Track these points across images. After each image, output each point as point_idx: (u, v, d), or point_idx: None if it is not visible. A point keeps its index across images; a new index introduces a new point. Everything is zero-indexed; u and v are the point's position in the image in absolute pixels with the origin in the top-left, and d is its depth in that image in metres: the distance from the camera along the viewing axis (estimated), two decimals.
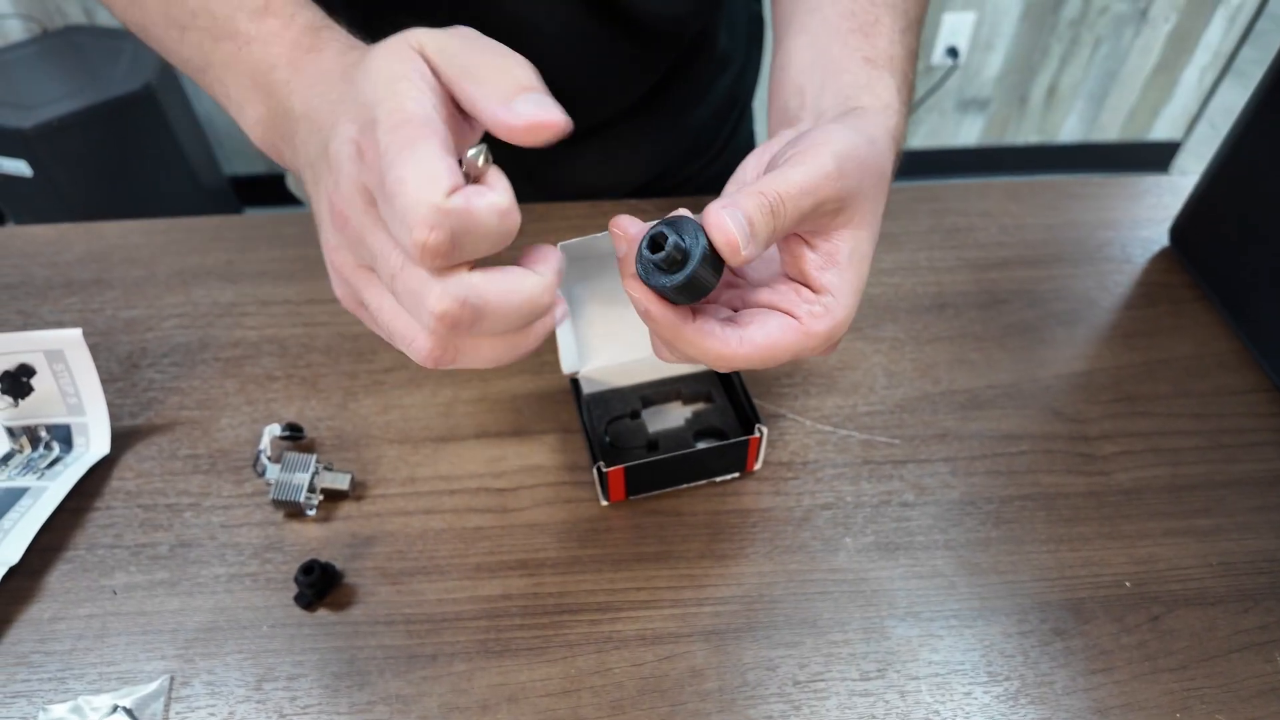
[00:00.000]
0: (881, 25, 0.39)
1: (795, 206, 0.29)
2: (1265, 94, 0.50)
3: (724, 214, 0.28)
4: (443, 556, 0.42)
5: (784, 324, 0.31)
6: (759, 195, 0.28)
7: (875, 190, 0.32)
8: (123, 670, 0.38)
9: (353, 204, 0.27)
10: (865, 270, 0.32)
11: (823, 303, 0.31)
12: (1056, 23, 1.91)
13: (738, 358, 0.31)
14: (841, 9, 0.40)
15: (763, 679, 0.38)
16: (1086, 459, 0.47)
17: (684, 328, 0.30)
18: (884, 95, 0.36)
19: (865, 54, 0.38)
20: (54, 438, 0.47)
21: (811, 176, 0.29)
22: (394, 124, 0.25)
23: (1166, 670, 0.38)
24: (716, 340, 0.30)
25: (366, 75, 0.27)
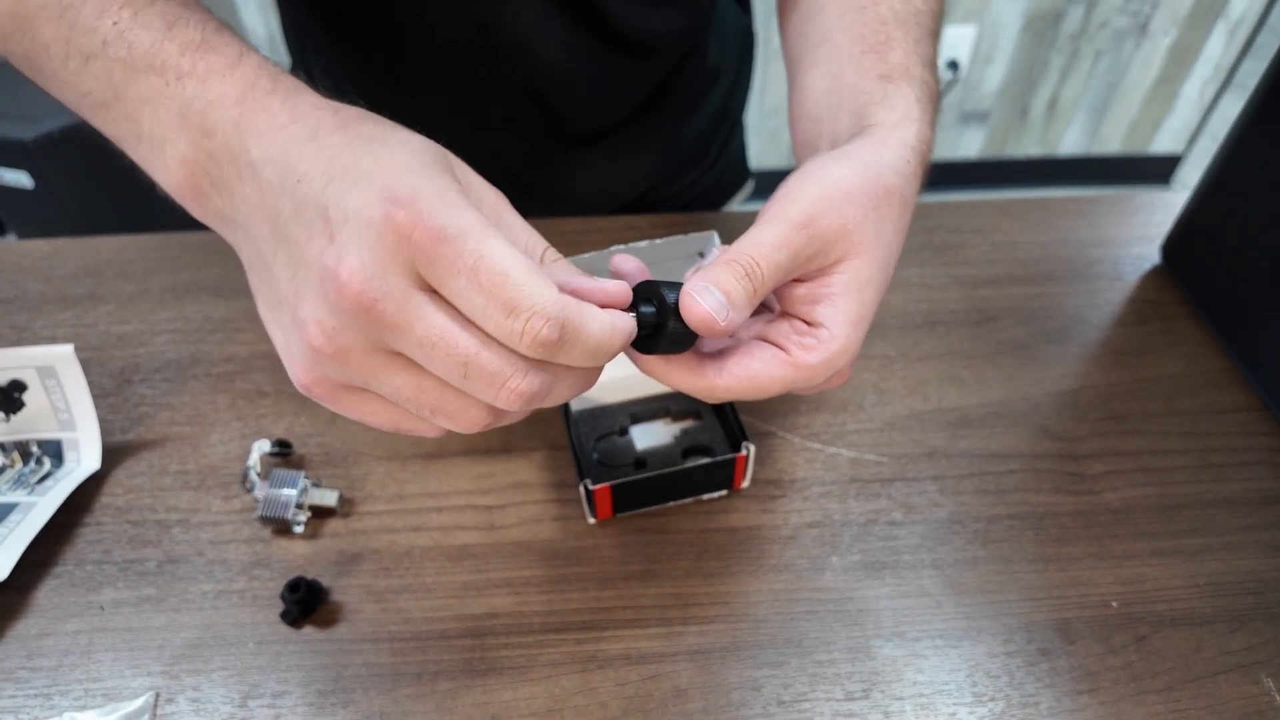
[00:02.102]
0: (894, 41, 0.38)
1: (771, 265, 0.29)
2: (1255, 111, 0.50)
3: (695, 295, 0.28)
4: (429, 574, 0.42)
5: (768, 357, 0.31)
6: (731, 264, 0.29)
7: (872, 214, 0.31)
8: (109, 686, 0.38)
9: (389, 283, 0.25)
10: (868, 296, 0.32)
11: (815, 335, 0.31)
12: (1057, 36, 1.92)
13: (717, 389, 0.31)
14: (852, 34, 0.39)
15: (747, 699, 0.38)
16: (1075, 478, 0.47)
17: (658, 365, 0.31)
18: (900, 107, 0.36)
19: (880, 71, 0.37)
20: (45, 453, 0.47)
21: (780, 232, 0.30)
22: (471, 216, 0.25)
23: (1153, 691, 0.38)
24: (693, 375, 0.31)
25: (410, 149, 0.26)
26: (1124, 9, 1.88)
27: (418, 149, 0.27)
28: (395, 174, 0.25)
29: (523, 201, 0.35)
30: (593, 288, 0.28)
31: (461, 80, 0.58)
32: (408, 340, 0.25)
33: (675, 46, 0.63)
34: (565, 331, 0.25)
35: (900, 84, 0.37)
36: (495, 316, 0.24)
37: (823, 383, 0.33)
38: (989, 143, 2.14)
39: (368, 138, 0.27)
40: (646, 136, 0.67)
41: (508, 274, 0.24)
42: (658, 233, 0.60)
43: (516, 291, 0.24)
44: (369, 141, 0.27)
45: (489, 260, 0.24)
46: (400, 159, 0.26)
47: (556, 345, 0.25)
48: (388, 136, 0.27)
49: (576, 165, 0.66)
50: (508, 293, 0.24)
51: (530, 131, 0.63)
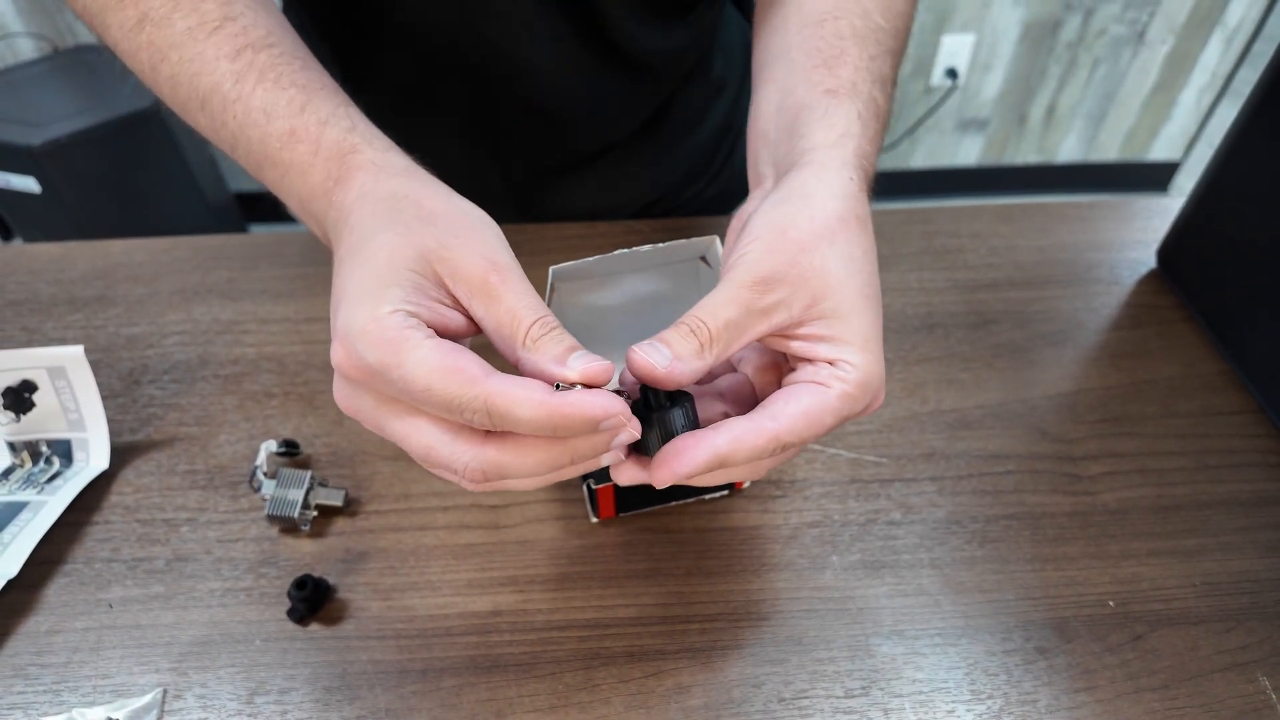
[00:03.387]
0: (847, 56, 0.39)
1: (720, 321, 0.30)
2: (1249, 118, 0.51)
3: (638, 350, 0.30)
4: (434, 572, 0.43)
5: (812, 390, 0.31)
6: (679, 325, 0.30)
7: (831, 251, 0.32)
8: (117, 683, 0.39)
9: (359, 401, 0.30)
10: (864, 322, 0.32)
11: (840, 368, 0.31)
12: (1055, 44, 1.94)
13: (782, 435, 0.30)
14: (807, 49, 0.39)
15: (748, 696, 0.38)
16: (1072, 479, 0.47)
17: (724, 446, 0.30)
18: (840, 124, 0.36)
19: (827, 86, 0.37)
20: (54, 453, 0.47)
21: (728, 292, 0.30)
22: (392, 339, 0.28)
23: (1149, 690, 0.38)
24: (755, 435, 0.30)
25: (374, 265, 0.29)
26: (1121, 17, 1.90)
27: (384, 261, 0.29)
28: (344, 301, 0.29)
29: (523, 222, 0.36)
30: (563, 374, 0.28)
31: (469, 100, 0.59)
32: (386, 435, 0.31)
33: (680, 63, 0.64)
34: (493, 413, 0.27)
35: (844, 100, 0.37)
36: (442, 412, 0.28)
37: (864, 409, 0.32)
38: (987, 149, 2.15)
39: (354, 250, 0.30)
40: (651, 151, 0.68)
41: (430, 385, 0.27)
42: (660, 237, 0.61)
43: (443, 396, 0.27)
44: (352, 255, 0.30)
45: (413, 380, 0.27)
46: (357, 281, 0.29)
47: (500, 424, 0.27)
48: (366, 245, 0.30)
49: (581, 181, 0.67)
50: (438, 398, 0.27)
51: (536, 150, 0.63)
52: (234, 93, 0.36)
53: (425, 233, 0.30)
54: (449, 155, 0.34)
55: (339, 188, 0.33)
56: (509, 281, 0.30)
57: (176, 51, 0.37)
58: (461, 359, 0.27)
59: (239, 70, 0.36)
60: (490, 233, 0.31)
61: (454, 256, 0.30)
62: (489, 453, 0.29)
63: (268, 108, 0.35)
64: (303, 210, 0.36)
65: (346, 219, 0.32)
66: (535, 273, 0.31)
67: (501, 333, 0.29)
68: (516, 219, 0.68)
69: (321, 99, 0.35)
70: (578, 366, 0.28)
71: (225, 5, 0.37)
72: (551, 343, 0.29)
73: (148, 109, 1.58)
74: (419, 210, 0.31)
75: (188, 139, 1.71)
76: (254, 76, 0.36)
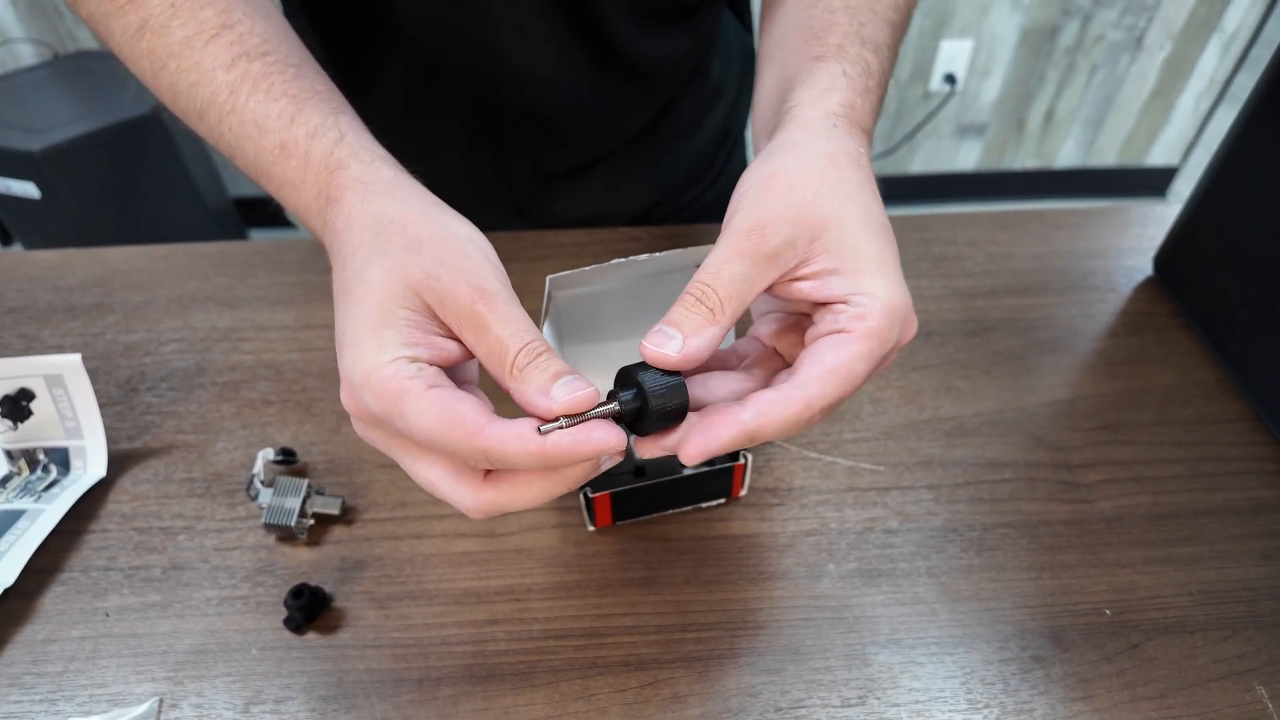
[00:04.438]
0: (835, 26, 0.39)
1: (724, 281, 0.30)
2: (1246, 124, 0.51)
3: (647, 342, 0.29)
4: (431, 581, 0.43)
5: (834, 343, 0.30)
6: (683, 298, 0.30)
7: (824, 185, 0.31)
8: (113, 692, 0.39)
9: (372, 436, 0.32)
10: (874, 246, 0.31)
11: (857, 304, 0.30)
12: (1053, 50, 1.94)
13: (813, 400, 0.29)
14: (801, 28, 0.40)
15: (745, 705, 0.38)
16: (1069, 487, 0.47)
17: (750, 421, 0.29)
18: (823, 82, 0.36)
19: (813, 54, 0.38)
20: (52, 461, 0.47)
21: (729, 246, 0.30)
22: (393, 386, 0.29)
23: (1146, 699, 0.38)
24: (783, 405, 0.29)
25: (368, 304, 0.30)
26: (1119, 23, 1.90)
27: (374, 303, 0.30)
28: (346, 346, 0.30)
29: (523, 227, 0.36)
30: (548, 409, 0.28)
31: (469, 105, 0.59)
32: (400, 465, 0.33)
33: (679, 68, 0.64)
34: (491, 459, 0.28)
35: (829, 62, 0.37)
36: (446, 455, 0.30)
37: (898, 341, 0.31)
38: (986, 155, 2.16)
39: (346, 288, 0.31)
40: (650, 156, 0.68)
41: (432, 437, 0.28)
42: (659, 245, 0.61)
43: (444, 444, 0.28)
44: (345, 294, 0.31)
45: (415, 430, 0.28)
46: (354, 325, 0.30)
47: (500, 467, 0.29)
48: (357, 283, 0.31)
49: (580, 186, 0.67)
50: (440, 446, 0.28)
51: (536, 155, 0.64)
52: (229, 104, 0.36)
53: (412, 264, 0.30)
54: (448, 160, 0.35)
55: (330, 207, 0.34)
56: (496, 309, 0.29)
57: (175, 60, 0.37)
58: (460, 408, 0.28)
59: (233, 81, 0.36)
60: (478, 255, 0.31)
61: (441, 287, 0.30)
62: (487, 494, 0.30)
63: (260, 120, 0.35)
64: (303, 222, 0.37)
65: (339, 245, 0.32)
66: (534, 279, 0.32)
67: (491, 362, 0.30)
68: (515, 224, 0.68)
69: (311, 109, 0.35)
70: (560, 398, 0.28)
71: (223, 13, 0.37)
72: (536, 371, 0.29)
73: (148, 114, 1.58)
74: (404, 238, 0.31)
75: (188, 144, 1.71)
76: (247, 88, 0.36)
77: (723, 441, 0.29)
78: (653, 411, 0.29)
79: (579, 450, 0.28)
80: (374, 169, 0.34)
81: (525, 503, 0.30)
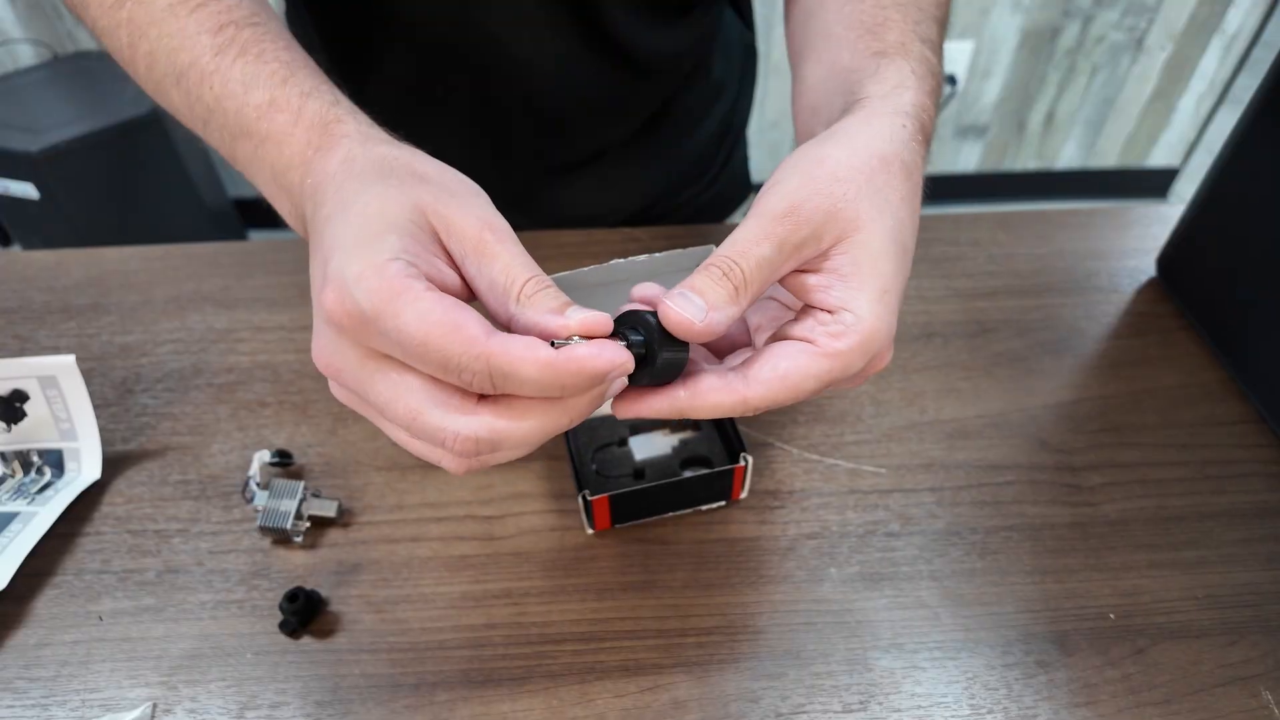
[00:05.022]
0: (891, 23, 0.38)
1: (753, 261, 0.29)
2: (1249, 125, 0.51)
3: (670, 302, 0.28)
4: (427, 584, 0.42)
5: (794, 352, 0.29)
6: (709, 268, 0.29)
7: (867, 187, 0.30)
8: (106, 697, 0.38)
9: (344, 357, 0.28)
10: (886, 269, 0.30)
11: (840, 320, 0.29)
12: (1054, 51, 1.94)
13: (750, 400, 0.29)
14: (849, 22, 0.39)
15: (745, 711, 0.38)
16: (1072, 489, 0.47)
17: (683, 400, 0.30)
18: (893, 78, 0.35)
19: (875, 49, 0.37)
20: (46, 463, 0.47)
21: (760, 226, 0.29)
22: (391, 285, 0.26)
23: (1150, 704, 0.38)
24: (720, 394, 0.29)
25: (368, 214, 0.28)
26: (1120, 24, 1.90)
27: (376, 211, 0.28)
28: (337, 250, 0.27)
29: (524, 220, 0.35)
30: (562, 325, 0.27)
31: (469, 99, 0.59)
32: (368, 401, 0.29)
33: (680, 65, 0.64)
34: (494, 371, 0.26)
35: (895, 58, 0.36)
36: (436, 372, 0.26)
37: (863, 370, 0.31)
38: (987, 156, 2.15)
39: (344, 204, 0.29)
40: (650, 152, 0.68)
41: (428, 341, 0.25)
42: (658, 245, 0.61)
43: (440, 353, 0.25)
44: (343, 209, 0.29)
45: (408, 334, 0.25)
46: (351, 230, 0.28)
47: (501, 386, 0.26)
48: (357, 198, 0.29)
49: (579, 181, 0.66)
50: (434, 355, 0.26)
51: (536, 149, 0.63)
52: (212, 65, 0.35)
53: (420, 188, 0.29)
54: (448, 153, 0.33)
55: (319, 155, 0.32)
56: (504, 241, 0.29)
57: (156, 28, 0.37)
58: (462, 314, 0.26)
59: (220, 44, 0.35)
60: (484, 199, 0.31)
61: (449, 212, 0.29)
62: (484, 418, 0.27)
63: (247, 79, 0.34)
64: (274, 183, 0.34)
65: (330, 180, 0.31)
66: None
67: (495, 290, 0.28)
68: (514, 219, 0.67)
69: (305, 75, 0.35)
70: (576, 318, 0.27)
71: None
72: (548, 298, 0.28)
73: (147, 115, 1.58)
74: (411, 170, 0.30)
75: (187, 146, 1.71)
76: (235, 50, 0.35)
77: (654, 409, 0.29)
78: (660, 361, 0.29)
79: (593, 364, 0.26)
80: (371, 129, 0.33)
81: (523, 434, 0.27)
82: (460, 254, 0.29)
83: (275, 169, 0.33)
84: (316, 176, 0.31)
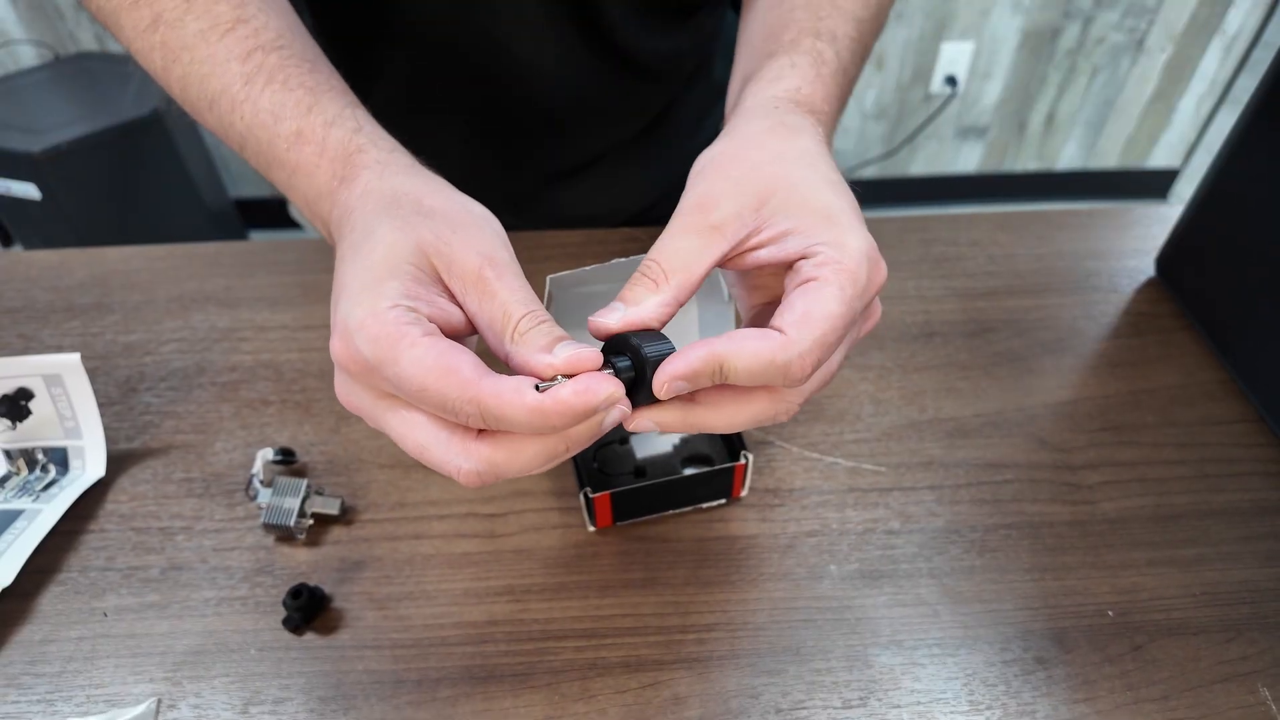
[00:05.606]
0: (793, 23, 0.40)
1: (669, 254, 0.30)
2: (1247, 125, 0.51)
3: (591, 318, 0.30)
4: (430, 581, 0.42)
5: (808, 290, 0.29)
6: (636, 276, 0.31)
7: (759, 153, 0.32)
8: (111, 693, 0.38)
9: (359, 397, 0.31)
10: (824, 199, 0.31)
11: (818, 253, 0.30)
12: (1054, 52, 1.94)
13: (789, 345, 0.28)
14: (764, 28, 0.42)
15: (745, 707, 0.38)
16: (1071, 488, 0.47)
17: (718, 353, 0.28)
18: (769, 74, 0.37)
19: (768, 50, 0.39)
20: (50, 460, 0.47)
21: (677, 224, 0.31)
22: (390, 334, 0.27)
23: (1149, 700, 0.38)
24: (759, 342, 0.28)
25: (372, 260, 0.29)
26: (1120, 25, 1.90)
27: (381, 256, 0.29)
28: (344, 296, 0.29)
29: (526, 221, 0.35)
30: (549, 364, 0.28)
31: (472, 101, 0.59)
32: (384, 431, 0.31)
33: (682, 67, 0.64)
34: (486, 414, 0.27)
35: (780, 56, 0.38)
36: (437, 411, 0.28)
37: (871, 282, 0.31)
38: (987, 157, 2.16)
39: (355, 244, 0.31)
40: (651, 153, 0.68)
41: (425, 384, 0.27)
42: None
43: (438, 397, 0.27)
44: (354, 250, 0.30)
45: (406, 378, 0.27)
46: (359, 274, 0.29)
47: (494, 426, 0.28)
48: (365, 239, 0.30)
49: (581, 183, 0.67)
50: (432, 398, 0.27)
51: (538, 151, 0.63)
52: (243, 94, 0.36)
53: (423, 226, 0.30)
54: (451, 156, 0.35)
55: (344, 187, 0.34)
56: (504, 277, 0.30)
57: (188, 53, 0.38)
58: (456, 358, 0.27)
59: (249, 72, 0.36)
60: (490, 230, 0.32)
61: (450, 250, 0.30)
62: (483, 452, 0.28)
63: (275, 109, 0.35)
64: (309, 210, 0.36)
65: (350, 216, 0.32)
66: (534, 280, 0.31)
67: (493, 328, 0.29)
68: (516, 221, 0.68)
69: (328, 100, 0.36)
70: (563, 354, 0.28)
71: (238, 7, 0.38)
72: (539, 334, 0.29)
73: (148, 116, 1.58)
74: (418, 206, 0.31)
75: (188, 146, 1.71)
76: (263, 79, 0.36)
77: (691, 365, 0.28)
78: (649, 382, 0.29)
79: (580, 402, 0.27)
80: (393, 155, 0.34)
81: (522, 464, 0.29)
82: (461, 291, 0.30)
83: (307, 199, 0.35)
84: (341, 209, 0.33)
